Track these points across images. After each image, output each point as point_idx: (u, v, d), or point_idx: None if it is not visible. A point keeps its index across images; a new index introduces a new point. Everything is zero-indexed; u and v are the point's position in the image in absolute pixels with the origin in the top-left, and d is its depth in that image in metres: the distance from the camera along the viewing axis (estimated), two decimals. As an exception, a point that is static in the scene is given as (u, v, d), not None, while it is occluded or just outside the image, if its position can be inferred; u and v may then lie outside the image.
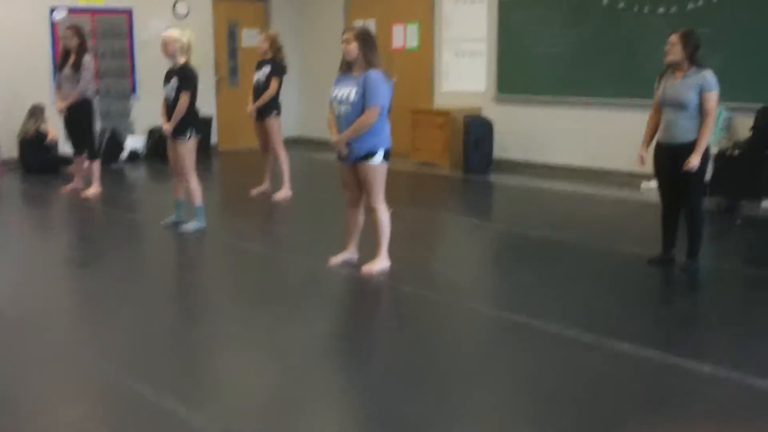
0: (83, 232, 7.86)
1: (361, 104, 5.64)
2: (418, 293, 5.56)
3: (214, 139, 12.42)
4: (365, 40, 5.71)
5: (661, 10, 9.02)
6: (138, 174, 10.93)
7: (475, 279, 6.22)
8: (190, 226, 7.30)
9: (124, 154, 11.47)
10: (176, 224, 7.42)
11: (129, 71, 11.86)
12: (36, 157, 10.51)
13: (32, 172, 10.47)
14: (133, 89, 11.90)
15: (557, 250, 6.73)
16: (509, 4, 10.42)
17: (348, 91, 5.70)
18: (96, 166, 9.08)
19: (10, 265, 6.55)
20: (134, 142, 11.68)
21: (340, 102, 5.76)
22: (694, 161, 5.71)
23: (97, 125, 9.46)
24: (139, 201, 9.57)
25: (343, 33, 5.80)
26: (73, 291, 5.91)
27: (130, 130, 11.79)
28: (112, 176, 10.19)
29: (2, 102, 10.69)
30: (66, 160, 10.38)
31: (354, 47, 5.67)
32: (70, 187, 9.25)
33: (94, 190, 8.99)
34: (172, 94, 7.14)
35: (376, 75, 5.65)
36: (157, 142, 11.58)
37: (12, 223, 8.21)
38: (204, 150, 10.23)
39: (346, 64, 5.80)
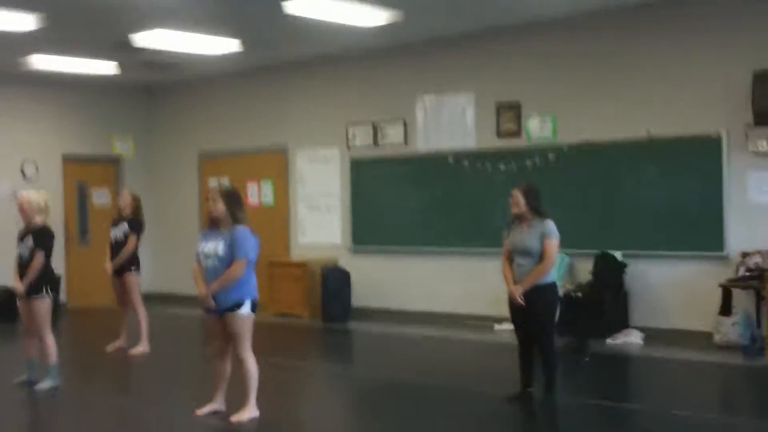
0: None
1: (229, 258, 5.83)
2: (289, 440, 5.56)
3: (63, 297, 12.07)
4: (231, 198, 6.01)
5: (502, 167, 9.72)
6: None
7: (342, 427, 6.26)
8: (45, 384, 7.04)
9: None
10: (29, 383, 7.13)
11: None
12: None
13: None
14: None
15: (420, 393, 6.87)
16: (360, 162, 10.95)
17: (215, 246, 5.88)
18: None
19: None
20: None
21: (207, 256, 5.92)
22: (519, 290, 6.16)
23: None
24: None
25: (210, 192, 6.03)
26: None
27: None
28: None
29: None
30: None
31: (221, 206, 5.90)
32: None
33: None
34: (27, 253, 7.04)
35: (243, 230, 5.90)
36: (4, 302, 11.11)
37: None
38: (54, 308, 9.90)
39: (212, 220, 6.01)
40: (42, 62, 10.72)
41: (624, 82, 8.95)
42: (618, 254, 8.83)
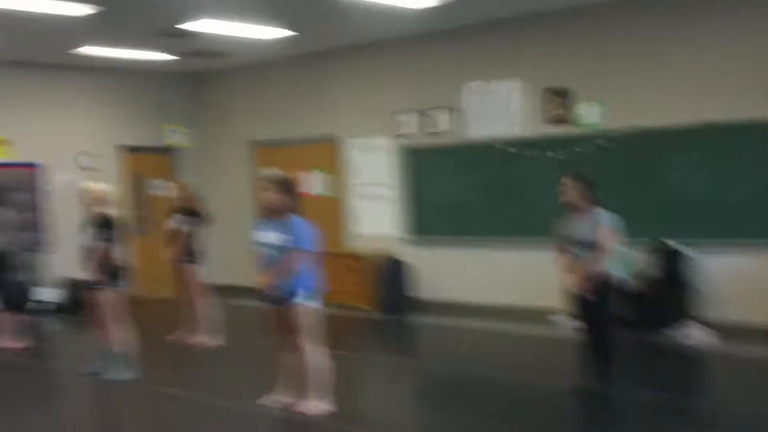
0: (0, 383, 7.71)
1: (287, 248, 5.83)
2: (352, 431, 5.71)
3: (127, 287, 12.36)
4: (284, 187, 5.97)
5: (549, 154, 9.73)
6: (52, 325, 10.79)
7: (406, 418, 6.38)
8: (113, 374, 7.30)
9: (35, 306, 11.32)
10: (98, 373, 7.40)
11: (38, 224, 11.85)
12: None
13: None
14: (43, 242, 11.87)
15: (482, 385, 6.96)
16: (409, 151, 11.03)
17: (272, 236, 5.90)
18: (8, 318, 8.98)
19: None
20: (46, 294, 11.55)
21: (263, 246, 5.94)
22: (574, 281, 6.19)
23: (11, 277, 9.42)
24: (57, 351, 9.45)
25: (260, 181, 6.06)
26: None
27: (40, 282, 11.68)
28: (26, 328, 10.00)
29: None
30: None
31: (273, 194, 5.90)
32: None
33: (10, 342, 8.87)
34: (92, 244, 7.24)
35: (299, 220, 5.92)
36: (70, 293, 11.51)
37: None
38: (121, 298, 10.24)
39: (266, 209, 6.01)
40: (95, 52, 10.97)
41: (675, 66, 8.86)
42: (677, 244, 8.71)
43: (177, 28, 9.63)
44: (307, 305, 5.99)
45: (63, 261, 11.44)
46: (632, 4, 9.14)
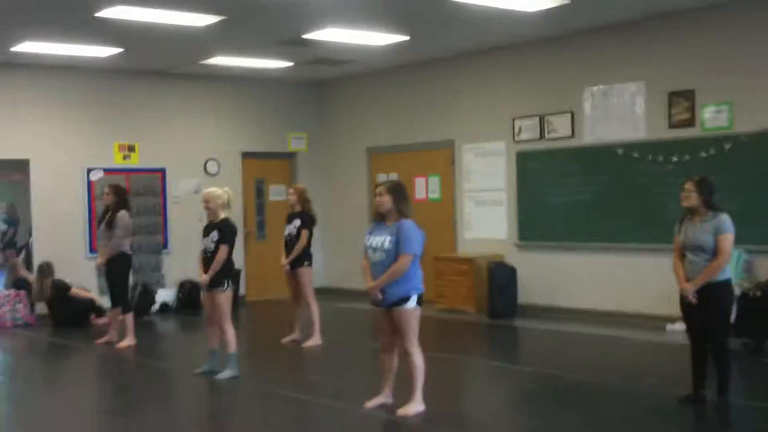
0: (119, 382, 7.99)
1: (395, 252, 5.93)
2: (454, 435, 5.66)
3: (242, 290, 12.69)
4: (397, 192, 6.08)
5: (674, 158, 9.40)
6: (169, 325, 11.16)
7: (508, 423, 6.26)
8: (225, 374, 7.45)
9: (155, 307, 11.74)
10: (210, 373, 7.57)
11: (161, 227, 12.29)
12: (63, 310, 10.73)
13: (61, 325, 10.62)
14: (165, 244, 12.29)
15: (589, 393, 6.80)
16: (527, 156, 10.87)
17: (382, 240, 6.00)
18: (130, 318, 9.31)
19: (48, 415, 6.67)
20: (165, 294, 11.97)
21: (375, 249, 6.04)
22: (691, 288, 5.97)
23: (131, 279, 9.77)
24: (172, 351, 9.76)
25: (377, 187, 6.17)
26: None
27: (161, 284, 12.11)
28: (145, 328, 10.38)
29: (42, 258, 11.03)
30: (93, 308, 10.70)
31: (387, 199, 6.02)
32: (104, 339, 9.44)
33: (128, 342, 9.18)
34: (212, 247, 7.44)
35: (409, 224, 5.98)
36: (187, 294, 11.89)
37: (47, 375, 8.38)
38: (234, 300, 10.48)
39: (379, 214, 6.13)
40: (220, 62, 11.36)
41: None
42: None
43: (301, 38, 9.81)
44: (412, 308, 6.01)
45: (182, 263, 11.83)
46: (759, 2, 8.70)
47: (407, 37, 10.15)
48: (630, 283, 9.82)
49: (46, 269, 10.84)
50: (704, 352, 6.16)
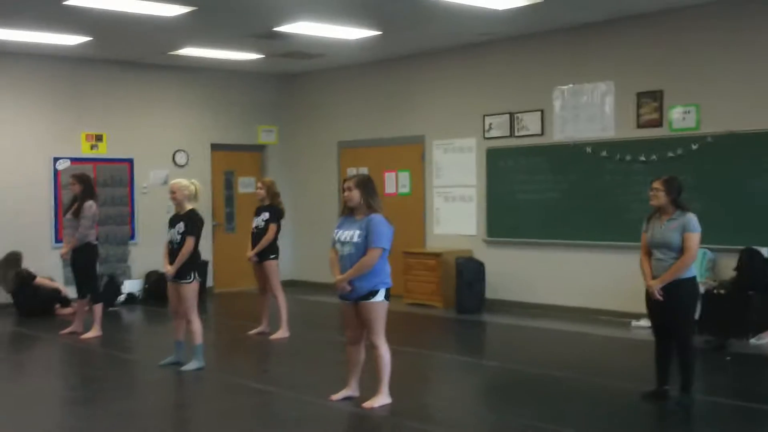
0: (83, 373, 7.91)
1: (364, 246, 5.93)
2: (419, 429, 5.67)
3: (210, 281, 12.62)
4: (366, 186, 6.07)
5: (642, 158, 9.49)
6: (135, 317, 11.07)
7: (472, 416, 6.28)
8: (190, 365, 7.42)
9: (122, 298, 11.65)
10: (176, 364, 7.53)
11: (128, 218, 12.18)
12: (27, 300, 10.62)
13: (26, 315, 10.53)
14: (132, 235, 12.19)
15: (552, 387, 6.85)
16: (496, 152, 10.91)
17: (351, 234, 6.00)
18: (99, 309, 9.23)
19: (11, 405, 6.59)
20: (131, 285, 11.88)
21: (344, 243, 6.03)
22: (657, 285, 6.04)
23: (99, 270, 9.67)
24: (138, 342, 9.68)
25: (345, 181, 6.15)
26: (74, 429, 5.97)
27: (128, 275, 12.01)
28: (111, 319, 10.27)
29: (6, 248, 10.89)
30: (58, 299, 10.61)
31: (356, 194, 6.01)
32: (69, 329, 9.35)
33: (94, 333, 9.11)
34: (178, 238, 7.39)
35: (379, 219, 5.99)
36: (154, 285, 11.80)
37: (10, 365, 8.28)
38: (200, 292, 10.43)
39: (348, 208, 6.12)
40: (190, 53, 11.28)
41: (770, 70, 8.56)
42: (765, 250, 8.44)
43: (273, 31, 9.77)
44: (380, 302, 6.04)
45: (149, 254, 11.75)
46: (728, 5, 8.84)
47: (379, 32, 10.16)
48: (596, 280, 9.92)
49: (12, 260, 10.71)
50: (668, 349, 6.24)
